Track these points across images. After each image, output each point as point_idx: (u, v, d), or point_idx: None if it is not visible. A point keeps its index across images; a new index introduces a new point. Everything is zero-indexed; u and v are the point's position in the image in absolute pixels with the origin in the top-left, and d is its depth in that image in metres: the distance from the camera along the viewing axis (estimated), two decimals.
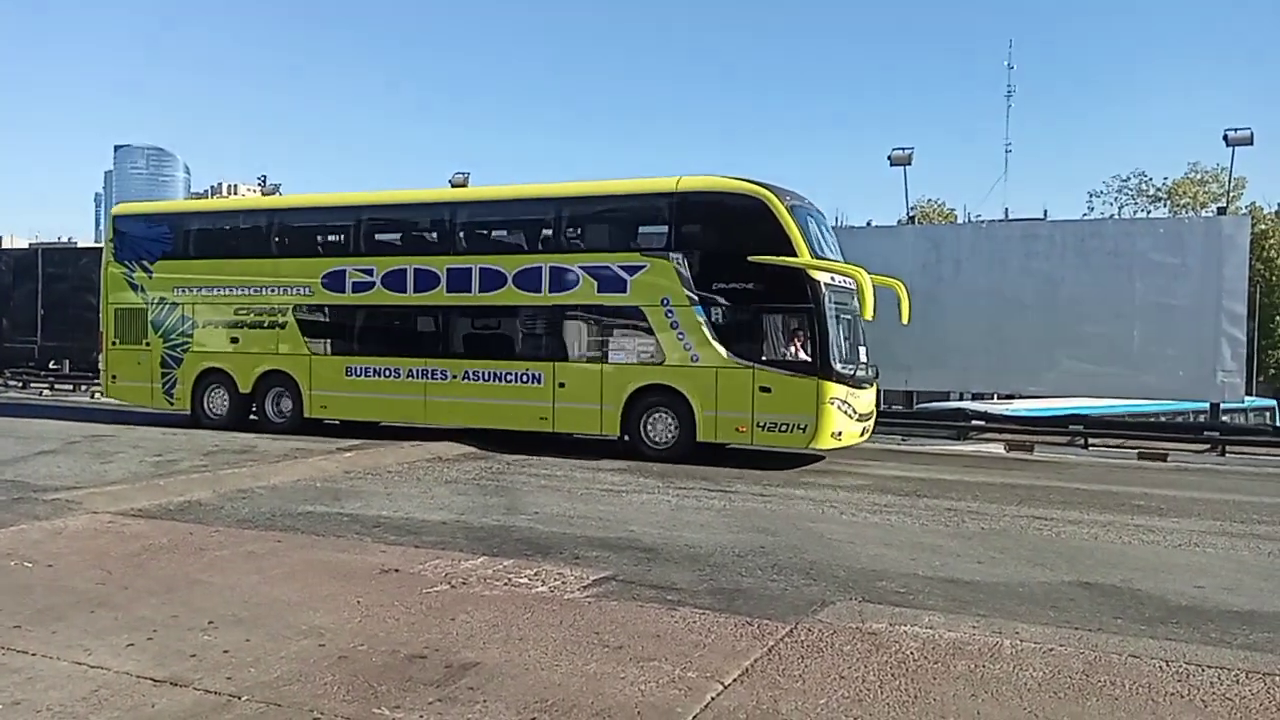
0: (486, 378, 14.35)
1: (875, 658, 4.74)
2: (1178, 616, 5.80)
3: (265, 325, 15.88)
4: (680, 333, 13.21)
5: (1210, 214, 34.75)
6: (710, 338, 12.97)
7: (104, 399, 19.03)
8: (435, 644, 4.89)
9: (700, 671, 4.51)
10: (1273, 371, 47.33)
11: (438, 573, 6.37)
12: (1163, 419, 22.86)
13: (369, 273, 15.10)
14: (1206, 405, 17.67)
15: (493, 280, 14.30)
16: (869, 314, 12.97)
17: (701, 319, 13.03)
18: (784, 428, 12.69)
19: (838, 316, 12.87)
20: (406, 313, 15.25)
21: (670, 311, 13.21)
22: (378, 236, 16.12)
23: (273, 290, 15.76)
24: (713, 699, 4.17)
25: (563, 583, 6.19)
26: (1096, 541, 8.20)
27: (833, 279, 12.86)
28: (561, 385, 13.80)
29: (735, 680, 4.39)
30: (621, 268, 13.60)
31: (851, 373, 12.95)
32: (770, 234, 12.75)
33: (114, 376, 17.15)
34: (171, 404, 16.52)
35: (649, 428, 13.44)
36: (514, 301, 14.23)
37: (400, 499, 9.66)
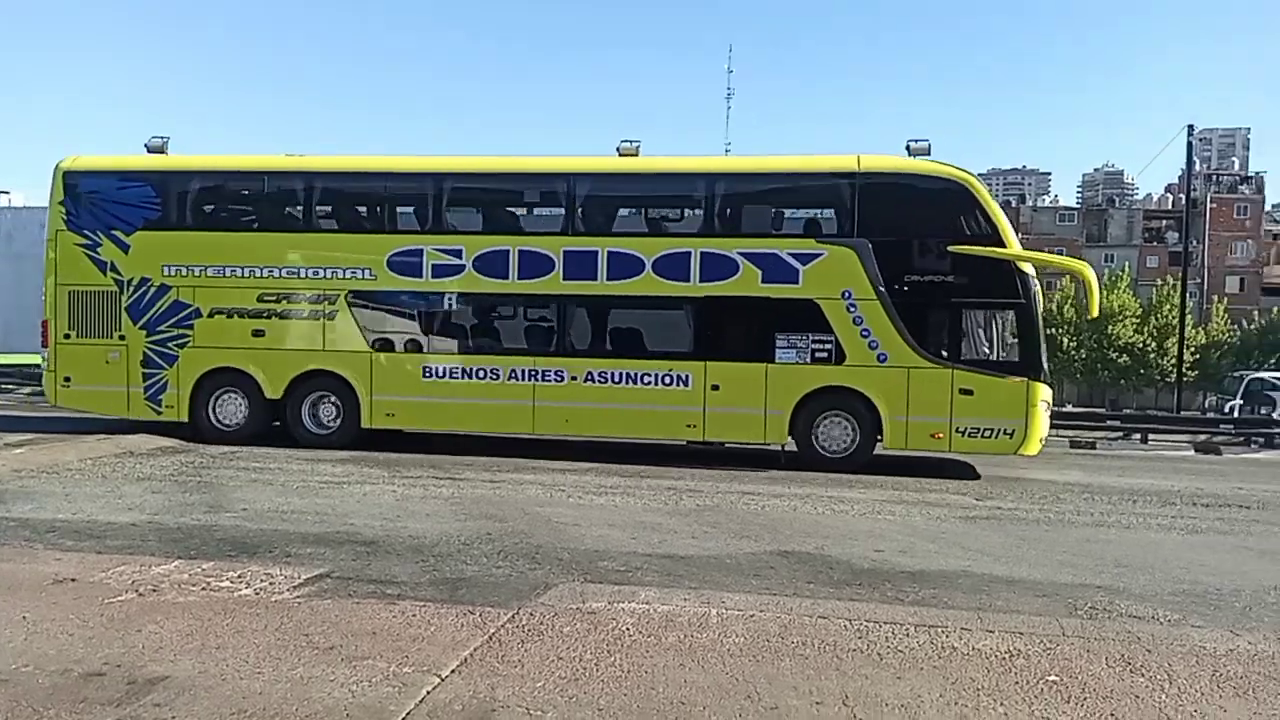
0: (617, 379, 12.47)
1: (593, 636, 4.85)
2: (861, 579, 6.43)
3: (305, 315, 13.12)
4: (865, 329, 11.94)
5: None
6: (901, 335, 11.86)
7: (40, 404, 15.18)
8: (117, 659, 4.41)
9: (417, 666, 4.39)
10: None
11: (123, 580, 5.74)
12: None
13: (456, 254, 12.77)
14: None
15: (626, 266, 12.41)
16: (1095, 311, 13.26)
17: (890, 314, 11.88)
18: (988, 433, 11.76)
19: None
20: (509, 302, 13.11)
21: (853, 305, 11.92)
22: (466, 211, 13.89)
23: (317, 272, 13.00)
24: (428, 693, 4.08)
25: (270, 584, 5.80)
26: (795, 513, 8.94)
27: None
28: (715, 388, 12.22)
29: (453, 672, 4.32)
30: (792, 255, 12.18)
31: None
32: (973, 222, 11.89)
33: (66, 379, 13.34)
34: (159, 413, 13.25)
35: (820, 434, 12.20)
36: (654, 291, 12.40)
37: (82, 500, 8.63)
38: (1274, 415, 27.81)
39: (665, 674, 4.35)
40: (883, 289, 11.85)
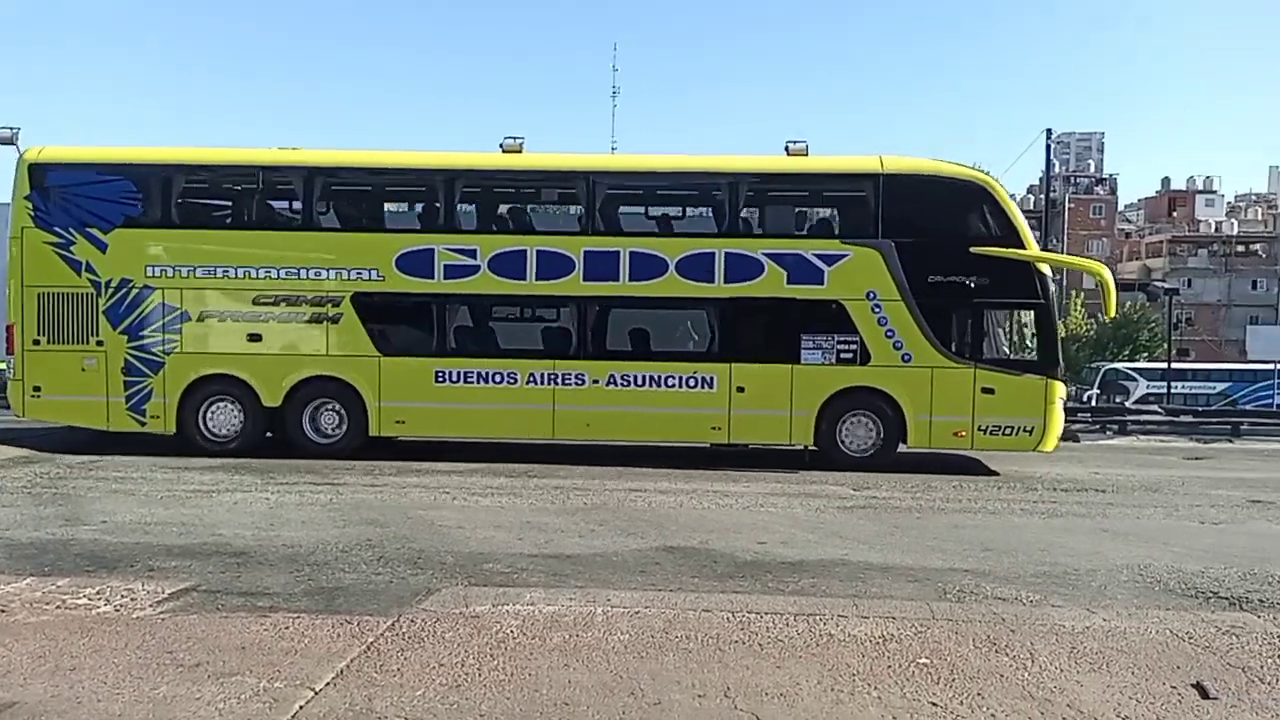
0: (640, 382, 12.23)
1: (476, 640, 4.78)
2: (744, 571, 6.54)
3: (307, 318, 12.41)
4: (889, 330, 12.04)
5: None
6: (924, 335, 12.01)
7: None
8: None
9: (289, 680, 4.23)
10: None
11: None
12: None
13: (470, 254, 12.25)
14: None
15: (649, 266, 12.17)
16: (1112, 312, 13.02)
17: (914, 315, 12.00)
18: (1008, 430, 12.03)
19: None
20: (526, 304, 12.67)
21: (878, 306, 12.01)
22: (480, 209, 13.19)
23: (319, 273, 12.31)
24: (301, 707, 3.93)
25: (131, 600, 5.49)
26: (681, 509, 9.03)
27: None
28: (740, 390, 12.10)
29: (328, 684, 4.18)
30: (817, 256, 12.16)
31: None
32: (994, 224, 12.15)
33: (35, 389, 12.29)
34: (143, 424, 12.34)
35: (845, 434, 12.26)
36: (677, 292, 12.21)
37: None
38: (1127, 403, 29.73)
39: (549, 675, 4.31)
40: (907, 289, 12.00)
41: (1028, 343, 12.47)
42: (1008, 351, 12.52)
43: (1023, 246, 12.17)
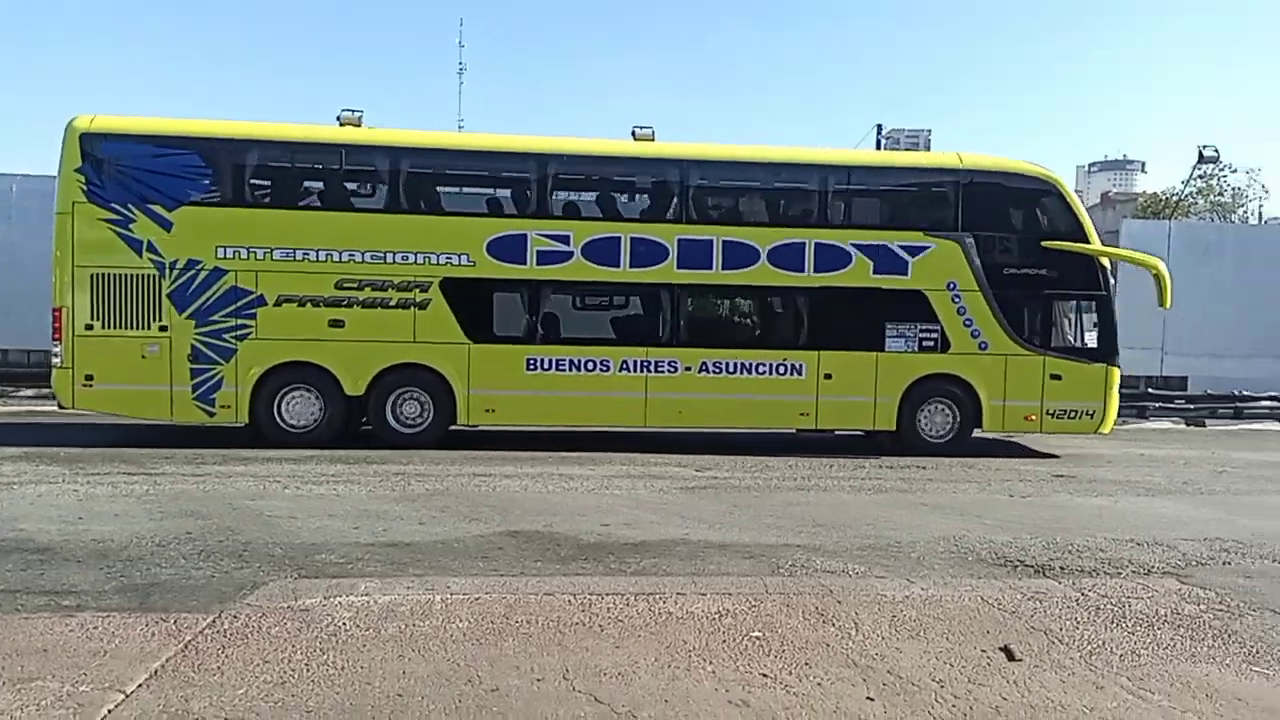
0: (732, 370, 12.39)
1: (305, 635, 4.59)
2: (587, 553, 6.56)
3: (393, 304, 11.93)
4: (968, 319, 12.60)
5: None
6: (1000, 324, 12.61)
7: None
8: None
9: (97, 683, 3.93)
10: None
11: None
12: None
13: (563, 240, 12.15)
14: None
15: (741, 255, 12.32)
16: (1168, 303, 13.11)
17: (991, 305, 12.59)
18: (1073, 415, 12.74)
19: None
20: (620, 291, 12.60)
21: (957, 296, 12.56)
22: (573, 195, 12.87)
23: (407, 257, 11.90)
24: (110, 711, 3.67)
25: None
26: (526, 492, 8.96)
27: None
28: (828, 377, 12.45)
29: (140, 686, 3.92)
30: (902, 247, 12.54)
31: None
32: (1063, 220, 12.83)
33: (88, 378, 11.44)
34: (212, 414, 11.71)
35: (924, 420, 12.70)
36: (769, 281, 12.47)
37: None
38: None
39: (383, 667, 4.19)
40: (984, 280, 12.57)
41: (1091, 332, 13.20)
42: (1073, 340, 13.20)
43: (1088, 241, 12.90)
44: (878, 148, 18.36)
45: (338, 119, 12.28)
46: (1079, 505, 9.20)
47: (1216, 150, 13.68)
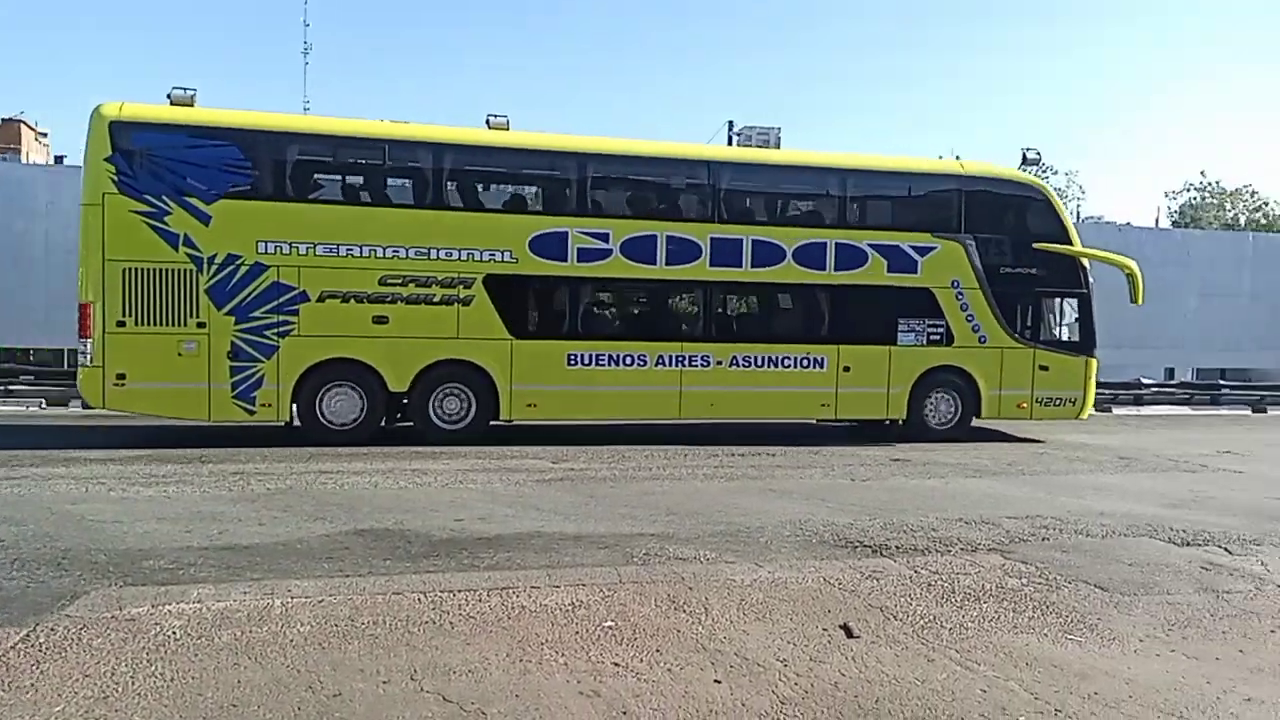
0: (760, 363, 13.08)
1: (130, 646, 4.30)
2: (439, 550, 6.43)
3: (437, 301, 12.01)
4: (969, 314, 13.61)
5: None
6: (997, 320, 13.71)
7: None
8: None
9: None
10: None
11: None
12: None
13: (603, 238, 12.47)
14: None
15: (769, 254, 12.98)
16: (1140, 300, 14.20)
17: (989, 301, 13.66)
18: (1057, 402, 14.03)
19: None
20: (656, 288, 13.09)
21: (960, 294, 13.54)
22: (612, 194, 13.12)
23: (451, 253, 12.00)
24: None
25: None
26: (376, 490, 8.71)
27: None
28: (846, 369, 13.29)
29: None
30: (912, 247, 13.41)
31: None
32: (1050, 223, 14.02)
33: (120, 376, 11.09)
34: (252, 412, 11.54)
35: (929, 409, 13.70)
36: (794, 279, 13.18)
37: None
38: None
39: (216, 676, 3.98)
40: (984, 279, 13.63)
41: (1071, 325, 14.33)
42: (1058, 334, 14.37)
43: (1071, 244, 14.12)
44: (729, 144, 18.79)
45: (168, 97, 11.56)
46: (914, 487, 9.71)
47: (1039, 153, 14.73)
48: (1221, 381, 23.85)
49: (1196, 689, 4.15)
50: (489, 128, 12.60)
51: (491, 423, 12.43)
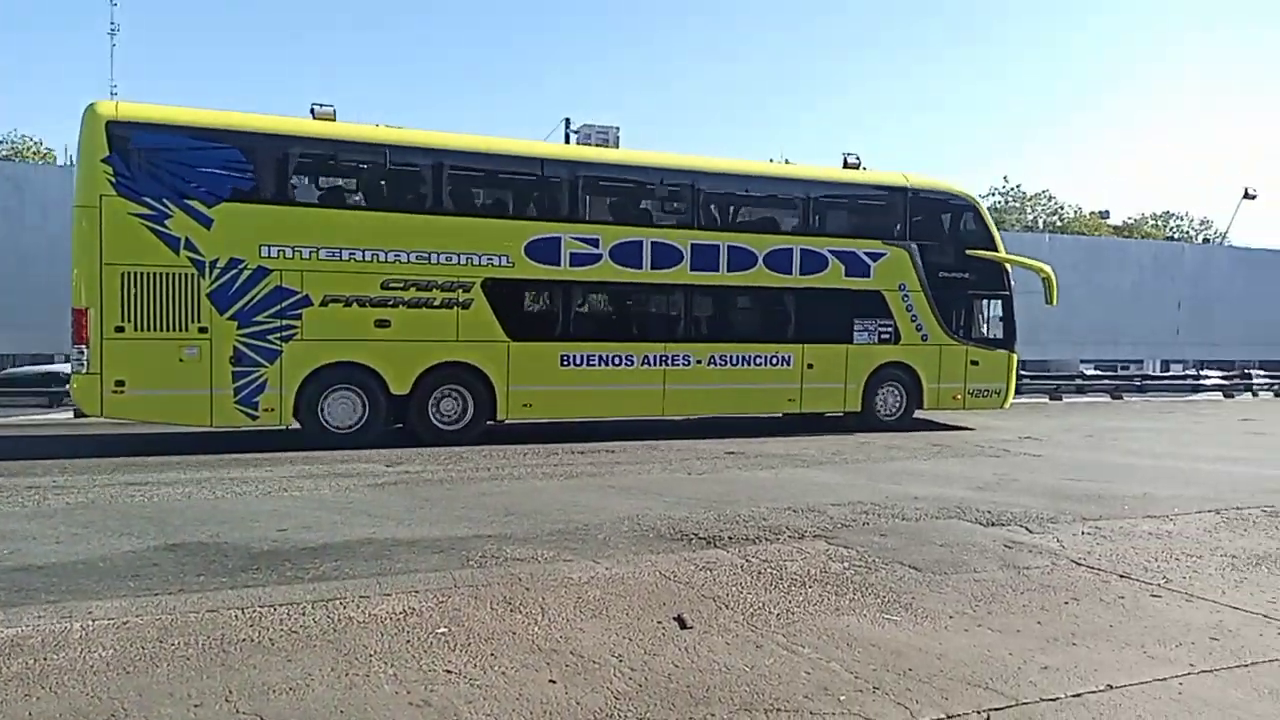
0: (735, 362, 13.86)
1: None
2: (259, 562, 6.09)
3: (437, 304, 12.25)
4: (914, 315, 14.84)
5: None
6: (936, 319, 15.02)
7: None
8: None
9: None
10: None
11: None
12: None
13: (593, 243, 13.03)
14: None
15: (742, 259, 13.76)
16: (1054, 301, 15.42)
17: (930, 303, 14.93)
18: (985, 394, 15.49)
19: None
20: (642, 291, 13.65)
21: (906, 295, 14.77)
22: (601, 201, 13.62)
23: (451, 258, 12.27)
24: None
25: None
26: (190, 501, 8.17)
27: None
28: (810, 366, 14.27)
29: None
30: (866, 254, 14.51)
31: None
32: (980, 231, 15.49)
33: (118, 383, 10.67)
34: (254, 418, 11.36)
35: (879, 402, 14.89)
36: (765, 282, 13.96)
37: None
38: None
39: (5, 710, 3.62)
40: (925, 282, 14.89)
41: (997, 324, 15.66)
42: (985, 332, 15.64)
43: (997, 250, 15.60)
44: (566, 141, 18.82)
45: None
46: (747, 479, 10.00)
47: (858, 157, 15.64)
48: (1023, 372, 25.83)
49: (1000, 660, 4.46)
50: (314, 117, 12.22)
51: (488, 423, 12.79)
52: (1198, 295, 26.92)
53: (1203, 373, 26.33)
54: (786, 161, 21.13)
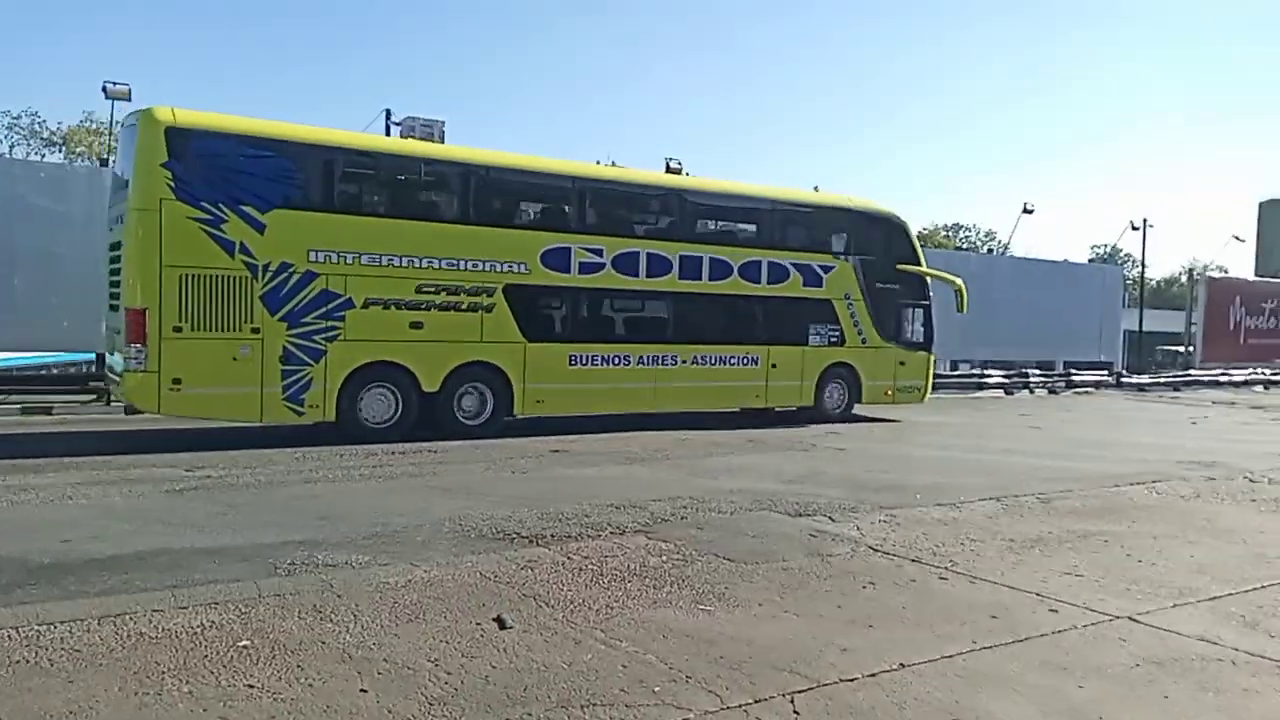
0: (714, 361, 15.40)
1: None
2: (38, 577, 5.59)
3: (464, 308, 13.04)
4: (855, 321, 16.73)
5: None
6: (874, 325, 16.93)
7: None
8: None
9: None
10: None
11: None
12: (54, 371, 22.32)
13: (598, 253, 14.20)
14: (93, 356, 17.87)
15: (720, 269, 15.26)
16: (964, 309, 18.03)
17: (869, 310, 16.84)
18: (908, 390, 17.65)
19: None
20: (638, 297, 14.89)
21: (851, 304, 16.63)
22: (604, 214, 14.77)
23: (477, 265, 13.11)
24: None
25: None
26: None
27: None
28: (774, 366, 15.94)
29: None
30: (820, 266, 16.27)
31: None
32: (907, 248, 17.64)
33: (176, 380, 11.14)
34: (300, 414, 11.95)
35: (828, 397, 16.68)
36: (739, 291, 15.46)
37: None
38: None
39: None
40: (865, 292, 16.82)
41: (920, 329, 17.67)
42: (909, 336, 17.56)
43: (921, 264, 17.75)
44: (387, 134, 18.35)
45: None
46: (571, 476, 10.06)
47: (680, 162, 16.22)
48: None
49: (803, 644, 4.70)
50: (106, 96, 12.58)
51: (504, 418, 13.58)
52: (982, 300, 29.19)
53: (986, 372, 28.57)
54: (613, 163, 21.48)
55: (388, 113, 19.74)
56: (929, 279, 18.10)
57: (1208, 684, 4.32)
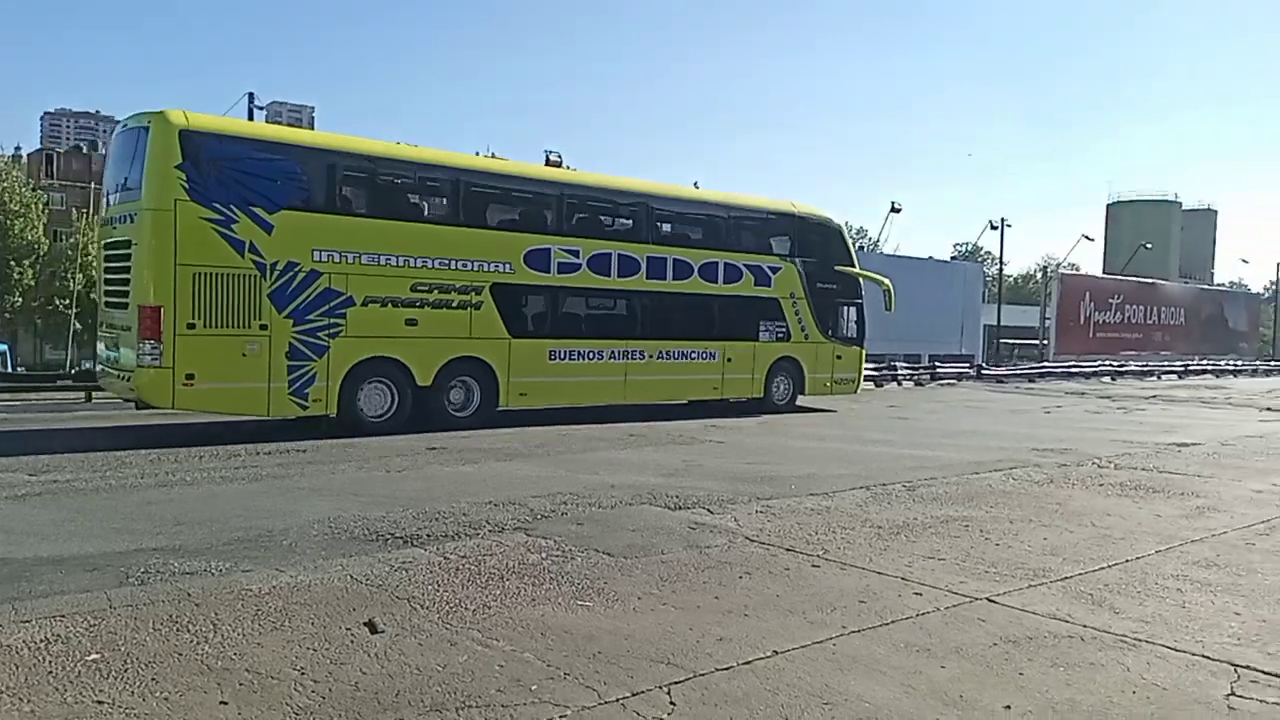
0: (676, 356, 16.42)
1: None
2: None
3: (454, 305, 13.74)
4: (800, 318, 18.09)
5: None
6: (815, 322, 18.32)
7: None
8: None
9: None
10: (8, 316, 47.59)
11: None
12: None
13: (575, 254, 15.02)
14: None
15: (682, 270, 16.33)
16: (892, 308, 19.79)
17: (811, 308, 18.20)
18: (844, 382, 19.11)
19: None
20: (609, 296, 15.77)
21: (796, 302, 17.99)
22: (580, 218, 15.57)
23: (467, 265, 13.88)
24: None
25: None
26: None
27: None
28: (729, 360, 17.18)
29: None
30: (769, 267, 17.68)
31: None
32: (842, 250, 19.20)
33: (189, 376, 11.56)
34: (305, 408, 12.49)
35: (775, 388, 17.98)
36: (698, 290, 16.59)
37: None
38: None
39: None
40: (808, 291, 18.02)
41: (853, 326, 19.11)
42: (845, 332, 18.98)
43: (854, 266, 19.27)
44: (250, 117, 17.91)
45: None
46: (449, 474, 9.87)
47: (560, 155, 16.40)
48: None
49: (681, 635, 4.74)
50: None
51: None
52: None
53: None
54: (493, 154, 22.02)
55: (251, 96, 18.93)
56: (862, 280, 19.71)
57: (1059, 660, 4.57)
